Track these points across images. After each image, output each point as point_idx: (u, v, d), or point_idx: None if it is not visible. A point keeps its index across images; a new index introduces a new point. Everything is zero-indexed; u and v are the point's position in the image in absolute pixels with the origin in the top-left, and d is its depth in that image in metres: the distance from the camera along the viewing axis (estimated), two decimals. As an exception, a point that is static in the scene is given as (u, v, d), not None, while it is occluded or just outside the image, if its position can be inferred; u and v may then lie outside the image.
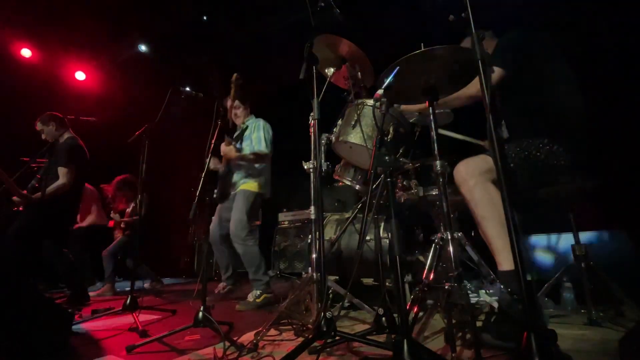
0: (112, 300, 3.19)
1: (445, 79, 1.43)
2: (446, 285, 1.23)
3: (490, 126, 1.05)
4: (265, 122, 2.95)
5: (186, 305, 2.72)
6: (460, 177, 1.54)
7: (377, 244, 1.65)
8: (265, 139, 2.83)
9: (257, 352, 1.42)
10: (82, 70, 5.35)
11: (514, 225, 0.97)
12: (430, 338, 1.50)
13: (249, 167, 2.85)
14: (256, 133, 2.86)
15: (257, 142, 2.82)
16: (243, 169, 2.86)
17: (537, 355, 0.86)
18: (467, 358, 1.18)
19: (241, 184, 2.84)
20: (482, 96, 1.09)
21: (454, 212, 2.16)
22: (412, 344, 1.00)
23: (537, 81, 1.63)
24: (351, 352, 1.36)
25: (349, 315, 2.03)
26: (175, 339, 1.67)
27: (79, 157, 2.93)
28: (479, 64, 1.08)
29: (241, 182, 2.85)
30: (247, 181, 2.83)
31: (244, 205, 2.72)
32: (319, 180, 1.49)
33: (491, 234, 1.41)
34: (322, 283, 1.32)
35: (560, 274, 1.79)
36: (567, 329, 1.53)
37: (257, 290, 2.58)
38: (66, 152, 2.84)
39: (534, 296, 0.92)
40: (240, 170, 2.86)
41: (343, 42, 1.90)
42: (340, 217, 2.41)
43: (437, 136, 1.40)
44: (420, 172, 2.03)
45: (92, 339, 1.80)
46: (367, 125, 1.70)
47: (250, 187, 2.80)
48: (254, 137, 2.86)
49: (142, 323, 1.93)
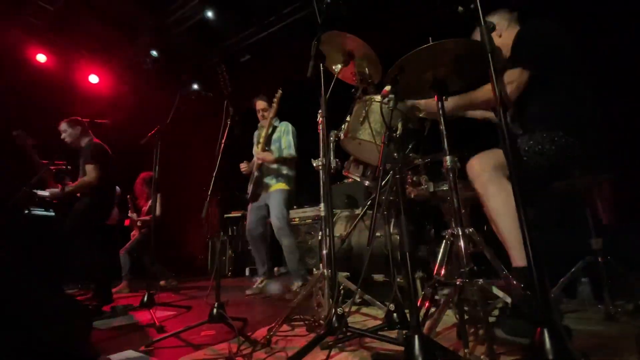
0: (130, 297, 3.29)
1: (455, 73, 1.41)
2: (457, 281, 1.22)
3: (503, 122, 1.03)
4: (292, 126, 3.15)
5: (201, 302, 2.78)
6: (473, 173, 1.52)
7: (387, 240, 1.65)
8: (295, 143, 3.07)
9: (270, 347, 1.45)
10: (95, 74, 5.46)
11: (527, 220, 0.96)
12: (442, 334, 1.50)
13: (280, 169, 3.06)
14: (286, 137, 3.09)
15: (287, 147, 3.07)
16: (274, 171, 3.07)
17: (550, 352, 0.85)
18: (480, 354, 1.17)
19: (275, 185, 3.05)
20: (493, 93, 1.07)
21: (466, 207, 2.14)
22: (423, 339, 1.01)
23: (553, 73, 1.59)
24: (363, 348, 1.38)
25: (360, 311, 2.05)
26: (191, 335, 1.71)
27: (103, 157, 3.04)
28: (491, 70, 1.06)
29: (274, 183, 3.06)
30: (280, 181, 3.05)
31: (281, 202, 2.96)
32: (328, 178, 1.50)
33: (505, 230, 1.40)
34: (332, 280, 1.34)
35: (577, 269, 1.76)
36: (583, 324, 1.51)
37: (299, 281, 2.83)
38: (91, 151, 2.99)
39: (547, 292, 0.91)
40: (272, 172, 3.08)
41: (350, 38, 1.88)
42: (350, 214, 2.41)
43: (447, 131, 1.39)
44: (430, 168, 2.01)
45: (112, 334, 1.86)
46: (376, 121, 1.70)
47: (284, 186, 3.04)
48: (283, 140, 3.08)
49: (159, 319, 1.99)
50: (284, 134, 3.11)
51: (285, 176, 3.07)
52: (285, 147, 3.07)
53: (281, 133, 3.12)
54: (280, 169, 3.07)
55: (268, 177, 3.08)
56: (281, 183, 3.04)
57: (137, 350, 1.52)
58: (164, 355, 1.47)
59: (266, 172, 3.08)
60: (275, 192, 3.00)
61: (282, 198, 2.98)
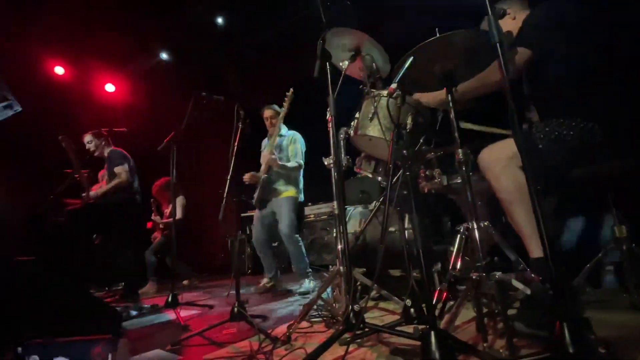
0: (156, 297, 3.41)
1: (464, 64, 1.39)
2: (474, 275, 1.22)
3: (511, 111, 1.02)
4: (299, 135, 3.23)
5: (223, 300, 2.87)
6: (485, 164, 1.50)
7: (402, 236, 1.65)
8: (302, 152, 3.16)
9: (290, 344, 1.48)
10: (111, 82, 5.63)
11: (542, 210, 0.94)
12: (461, 327, 1.49)
13: (287, 175, 3.11)
14: (293, 146, 3.16)
15: (294, 155, 3.13)
16: (282, 178, 3.12)
17: (570, 345, 0.84)
18: (499, 347, 1.17)
19: (283, 192, 3.09)
20: (503, 80, 1.06)
21: (483, 199, 2.10)
22: (439, 334, 1.01)
23: (569, 56, 1.53)
24: (381, 343, 1.39)
25: (378, 306, 2.06)
26: (214, 333, 1.77)
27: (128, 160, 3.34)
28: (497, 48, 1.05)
29: (282, 190, 3.10)
30: (288, 189, 3.10)
31: (290, 210, 3.02)
32: (340, 176, 1.51)
33: (520, 221, 1.38)
34: (348, 277, 1.35)
35: (600, 257, 1.71)
36: (607, 314, 1.47)
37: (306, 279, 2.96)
38: (117, 156, 3.30)
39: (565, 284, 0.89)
40: (280, 179, 3.12)
41: (356, 33, 1.87)
42: (364, 210, 2.42)
43: (458, 123, 1.37)
44: (443, 160, 1.99)
45: (139, 334, 1.95)
46: (385, 117, 1.69)
47: (292, 194, 3.10)
48: (290, 149, 3.15)
49: (184, 318, 2.07)
50: (292, 142, 3.17)
51: (294, 181, 3.13)
52: (292, 155, 3.13)
53: (289, 142, 3.17)
54: (289, 174, 3.12)
55: (277, 182, 3.11)
56: (290, 190, 3.10)
57: (164, 349, 1.59)
58: (189, 353, 1.53)
59: (275, 177, 3.11)
60: (285, 200, 3.05)
61: (291, 205, 3.04)
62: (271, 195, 3.10)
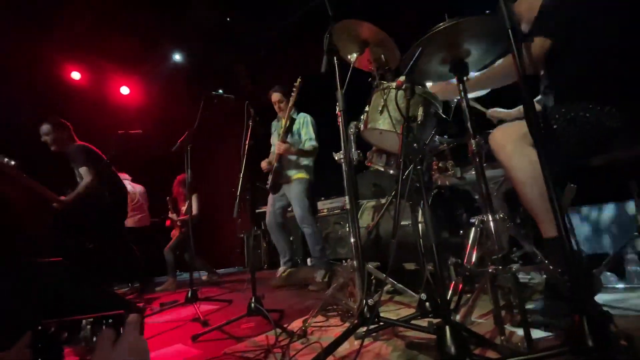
0: (176, 293, 3.52)
1: (476, 51, 1.35)
2: (490, 268, 1.20)
3: (523, 89, 0.98)
4: (310, 117, 3.17)
5: (241, 295, 2.93)
6: (496, 144, 1.45)
7: (415, 230, 1.64)
8: (315, 133, 3.11)
9: (306, 338, 1.50)
10: (126, 85, 5.77)
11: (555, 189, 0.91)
12: (478, 320, 1.48)
13: (300, 160, 3.11)
14: (305, 129, 3.12)
15: (308, 138, 3.08)
16: (294, 163, 3.11)
17: (590, 338, 0.82)
18: (517, 341, 1.15)
19: (295, 175, 3.09)
20: (515, 67, 1.02)
21: (499, 189, 2.06)
22: (454, 328, 1.01)
23: (586, 38, 1.46)
24: (396, 337, 1.40)
25: (394, 300, 2.06)
26: (233, 327, 1.81)
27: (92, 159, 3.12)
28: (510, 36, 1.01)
29: (294, 173, 3.10)
30: (299, 172, 3.09)
31: (302, 192, 3.02)
32: (351, 172, 1.50)
33: (532, 200, 1.32)
34: (361, 272, 1.36)
35: (624, 246, 1.65)
36: (631, 304, 1.42)
37: (322, 270, 2.91)
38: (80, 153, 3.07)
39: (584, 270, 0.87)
40: (292, 164, 3.11)
41: (363, 25, 1.84)
42: (377, 203, 2.41)
43: (471, 113, 1.34)
44: (457, 151, 1.95)
45: (161, 329, 2.02)
46: (395, 109, 1.66)
47: (304, 176, 3.09)
48: (303, 132, 3.11)
49: (203, 313, 2.13)
50: (303, 125, 3.12)
51: (305, 167, 3.12)
52: (306, 138, 3.10)
53: (300, 125, 3.13)
54: (300, 160, 3.11)
55: (288, 169, 3.11)
56: (301, 173, 3.09)
57: (185, 344, 1.65)
58: (209, 347, 1.58)
59: (286, 164, 3.10)
60: (296, 182, 3.05)
61: (303, 188, 3.03)
62: (283, 180, 3.11)
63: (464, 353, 0.98)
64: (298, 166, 3.11)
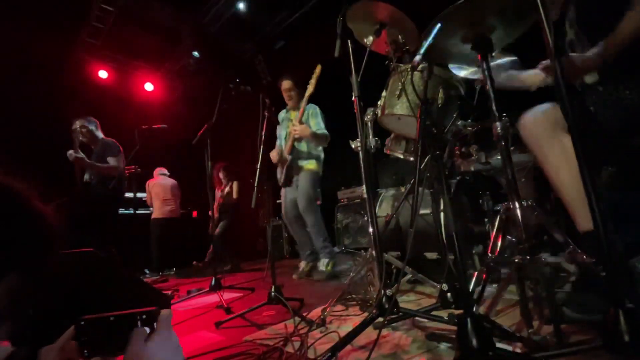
0: (201, 281, 3.65)
1: (502, 26, 1.25)
2: (516, 259, 1.13)
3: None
4: (317, 107, 3.15)
5: (263, 283, 2.99)
6: (526, 130, 1.36)
7: (436, 218, 1.58)
8: (324, 123, 3.10)
9: (325, 327, 1.51)
10: (150, 82, 5.94)
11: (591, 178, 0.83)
12: (504, 311, 1.42)
13: (310, 150, 3.11)
14: (315, 119, 3.10)
15: (318, 128, 3.04)
16: (305, 154, 3.11)
17: (626, 333, 0.76)
18: (545, 334, 1.09)
19: (305, 165, 3.10)
20: (545, 40, 0.93)
21: (528, 175, 1.94)
22: (476, 319, 0.96)
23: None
24: (417, 327, 1.37)
25: (415, 290, 2.02)
26: (255, 315, 1.85)
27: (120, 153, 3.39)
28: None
29: (305, 163, 3.10)
30: (309, 162, 3.10)
31: (308, 182, 3.01)
32: (368, 159, 1.46)
33: (566, 191, 1.24)
34: (379, 263, 1.33)
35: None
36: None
37: (326, 258, 2.91)
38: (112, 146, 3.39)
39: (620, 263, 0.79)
40: (303, 154, 3.11)
41: (379, 5, 1.76)
42: (396, 192, 2.35)
43: (495, 94, 1.25)
44: (481, 135, 1.85)
45: (188, 316, 2.10)
46: (412, 92, 1.59)
47: (312, 167, 3.10)
48: (312, 123, 3.08)
49: (227, 301, 2.19)
50: (312, 116, 3.09)
51: (317, 157, 3.13)
52: (317, 129, 3.06)
53: (309, 115, 3.09)
54: (311, 150, 3.12)
55: (300, 159, 3.10)
56: (311, 163, 3.10)
57: (209, 330, 1.70)
58: (231, 334, 1.62)
59: (297, 155, 3.09)
60: (305, 173, 3.06)
61: (310, 179, 3.03)
62: (294, 172, 3.10)
63: (487, 346, 0.94)
64: (310, 156, 3.11)
